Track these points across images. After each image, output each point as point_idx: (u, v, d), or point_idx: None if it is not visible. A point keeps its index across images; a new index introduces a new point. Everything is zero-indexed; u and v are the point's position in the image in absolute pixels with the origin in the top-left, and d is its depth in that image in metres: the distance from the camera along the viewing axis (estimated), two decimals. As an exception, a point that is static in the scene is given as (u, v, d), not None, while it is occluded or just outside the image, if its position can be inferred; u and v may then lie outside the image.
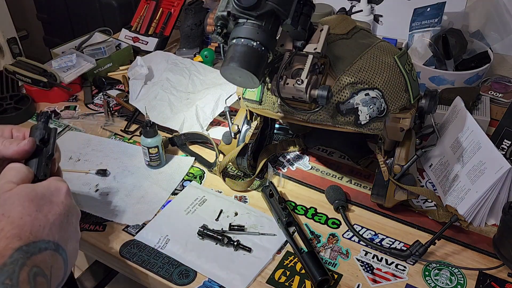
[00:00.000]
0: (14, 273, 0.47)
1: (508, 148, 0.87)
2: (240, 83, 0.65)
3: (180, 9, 1.40)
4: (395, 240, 0.77)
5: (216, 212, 0.82)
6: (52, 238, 0.54)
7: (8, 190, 0.55)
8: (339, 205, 0.81)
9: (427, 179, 0.90)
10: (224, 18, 0.63)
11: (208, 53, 1.25)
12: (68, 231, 0.57)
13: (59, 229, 0.55)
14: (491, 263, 0.73)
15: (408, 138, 0.78)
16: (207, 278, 0.71)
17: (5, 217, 0.51)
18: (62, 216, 0.56)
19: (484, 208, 0.77)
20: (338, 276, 0.71)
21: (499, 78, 1.17)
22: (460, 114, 0.89)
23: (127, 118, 1.09)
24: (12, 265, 0.48)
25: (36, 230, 0.52)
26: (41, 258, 0.51)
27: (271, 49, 0.63)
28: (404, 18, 1.26)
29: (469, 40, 1.16)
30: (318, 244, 0.76)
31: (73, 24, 1.95)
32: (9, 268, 0.47)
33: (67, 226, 0.57)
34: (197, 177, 0.91)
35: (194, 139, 1.00)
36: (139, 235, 0.78)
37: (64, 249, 0.55)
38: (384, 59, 0.74)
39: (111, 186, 0.88)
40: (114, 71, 1.27)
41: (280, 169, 0.93)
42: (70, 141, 1.01)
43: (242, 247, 0.74)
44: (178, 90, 1.12)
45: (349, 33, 0.77)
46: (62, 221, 0.56)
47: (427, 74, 1.11)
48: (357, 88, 0.71)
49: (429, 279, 0.71)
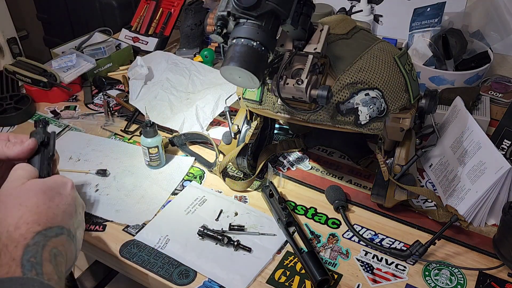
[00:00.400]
0: (38, 253, 0.54)
1: (508, 148, 0.87)
2: (240, 83, 0.65)
3: (180, 9, 1.40)
4: (395, 240, 0.77)
5: (216, 212, 0.82)
6: (66, 224, 0.60)
7: (21, 184, 0.60)
8: (339, 205, 0.81)
9: (427, 179, 0.90)
10: (224, 18, 0.63)
11: (208, 53, 1.25)
12: (77, 220, 0.64)
13: (69, 218, 0.61)
14: (491, 263, 0.73)
15: (408, 138, 0.78)
16: (207, 278, 0.71)
17: (23, 207, 0.57)
18: (71, 206, 0.63)
19: (484, 208, 0.77)
20: (338, 276, 0.71)
21: (499, 78, 1.16)
22: (460, 114, 0.89)
23: (127, 118, 1.09)
24: (35, 245, 0.54)
25: (51, 217, 0.58)
26: (58, 242, 0.57)
27: (271, 49, 0.63)
28: (404, 18, 1.26)
29: (469, 40, 1.16)
30: (318, 244, 0.76)
31: (73, 24, 1.95)
32: (32, 248, 0.54)
33: (76, 215, 0.64)
34: (197, 177, 0.91)
35: (194, 139, 1.00)
36: (139, 235, 0.78)
37: (75, 236, 0.62)
38: (384, 59, 0.74)
39: (111, 186, 0.88)
40: (114, 71, 1.27)
41: (280, 169, 0.93)
42: (70, 141, 1.01)
43: (242, 247, 0.74)
44: (178, 90, 1.12)
45: (349, 33, 0.77)
46: (71, 211, 0.62)
47: (427, 74, 1.11)
48: (357, 88, 0.71)
49: (429, 279, 0.71)
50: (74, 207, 0.64)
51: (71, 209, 0.63)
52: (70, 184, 0.65)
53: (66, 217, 0.61)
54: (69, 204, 0.62)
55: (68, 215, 0.61)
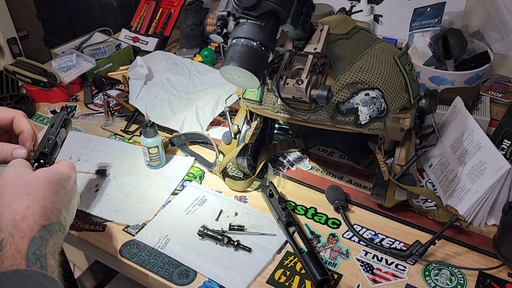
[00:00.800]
0: (42, 246, 0.54)
1: (508, 148, 0.87)
2: (240, 83, 0.65)
3: (180, 9, 1.40)
4: (395, 240, 0.77)
5: (216, 212, 0.82)
6: (64, 221, 0.61)
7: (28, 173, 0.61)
8: (339, 205, 0.81)
9: (427, 179, 0.90)
10: (224, 18, 0.63)
11: (208, 53, 1.25)
12: (71, 216, 0.65)
13: (66, 213, 0.63)
14: (491, 263, 0.73)
15: (408, 138, 0.78)
16: (207, 278, 0.71)
17: (30, 196, 0.58)
18: (69, 202, 0.64)
19: (484, 208, 0.77)
20: (338, 276, 0.71)
21: (499, 78, 1.16)
22: (460, 114, 0.89)
23: (127, 118, 1.09)
24: (40, 239, 0.55)
25: (55, 212, 0.59)
26: (56, 238, 0.58)
27: (271, 49, 0.63)
28: (404, 18, 1.26)
29: (469, 40, 1.16)
30: (318, 244, 0.76)
31: (73, 24, 1.95)
32: (37, 241, 0.54)
33: (72, 211, 0.65)
34: (197, 177, 0.91)
35: (194, 139, 1.00)
36: (139, 235, 0.78)
37: (66, 231, 0.63)
38: (384, 59, 0.74)
39: (111, 186, 0.88)
40: (114, 71, 1.27)
41: (280, 169, 0.93)
42: (70, 141, 1.01)
43: (242, 247, 0.74)
44: (178, 90, 1.12)
45: (349, 33, 0.77)
46: (69, 207, 0.64)
47: (427, 74, 1.11)
48: (357, 88, 0.71)
49: (429, 279, 0.71)
50: (72, 204, 0.65)
51: (69, 205, 0.64)
52: (74, 178, 0.66)
53: (65, 213, 0.62)
54: (69, 200, 0.63)
55: (66, 211, 0.62)
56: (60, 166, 0.66)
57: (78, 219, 0.81)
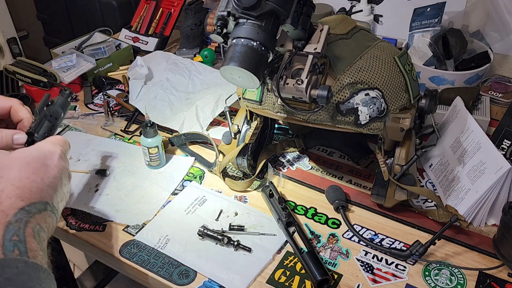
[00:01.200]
0: (20, 230, 0.50)
1: (508, 148, 0.87)
2: (240, 83, 0.65)
3: (180, 9, 1.40)
4: (395, 240, 0.77)
5: (216, 212, 0.82)
6: (49, 199, 0.57)
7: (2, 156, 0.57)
8: (339, 205, 0.81)
9: (427, 179, 0.90)
10: (224, 18, 0.63)
11: (208, 53, 1.25)
12: (61, 193, 0.60)
13: (53, 192, 0.58)
14: (491, 263, 0.73)
15: (408, 138, 0.78)
16: (207, 278, 0.71)
17: (4, 179, 0.54)
18: (56, 179, 0.59)
19: (484, 208, 0.77)
20: (338, 276, 0.71)
21: (499, 78, 1.16)
22: (460, 114, 0.89)
23: (127, 118, 1.09)
24: (17, 223, 0.51)
25: (35, 192, 0.55)
26: (41, 218, 0.54)
27: (271, 49, 0.63)
28: (404, 18, 1.26)
29: (469, 40, 1.16)
30: (318, 244, 0.76)
31: (73, 24, 1.95)
32: (14, 226, 0.50)
33: (61, 188, 0.60)
34: (197, 177, 0.91)
35: (194, 139, 1.00)
36: (139, 235, 0.78)
37: (57, 209, 0.59)
38: (384, 59, 0.74)
39: (111, 186, 0.88)
40: (114, 71, 1.27)
41: (280, 169, 0.93)
42: (70, 141, 0.99)
43: (242, 247, 0.74)
44: (178, 90, 1.12)
45: (349, 33, 0.77)
46: (57, 184, 0.59)
47: (427, 74, 1.11)
48: (357, 88, 0.71)
49: (429, 279, 0.71)
50: (60, 180, 0.60)
51: (56, 182, 0.59)
52: (58, 153, 0.61)
53: (51, 191, 0.58)
54: (54, 176, 0.59)
55: (53, 189, 0.58)
56: (42, 143, 0.63)
57: (78, 219, 0.81)
